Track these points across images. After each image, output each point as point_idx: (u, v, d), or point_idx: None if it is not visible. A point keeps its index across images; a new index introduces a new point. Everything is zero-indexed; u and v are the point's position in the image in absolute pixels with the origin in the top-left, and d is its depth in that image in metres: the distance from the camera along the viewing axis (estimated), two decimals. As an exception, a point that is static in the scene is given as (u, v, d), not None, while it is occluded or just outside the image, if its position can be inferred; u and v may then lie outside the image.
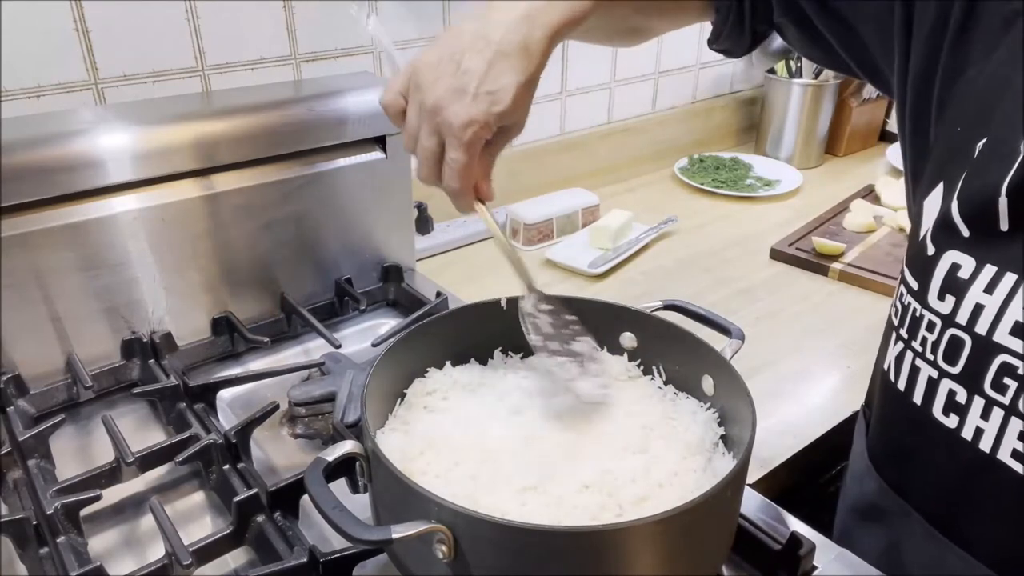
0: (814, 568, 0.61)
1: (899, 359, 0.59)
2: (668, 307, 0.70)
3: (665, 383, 0.67)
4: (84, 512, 0.66)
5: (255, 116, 0.89)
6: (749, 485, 0.70)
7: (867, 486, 0.66)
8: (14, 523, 0.63)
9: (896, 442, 0.63)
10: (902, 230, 1.28)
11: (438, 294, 0.97)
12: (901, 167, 1.62)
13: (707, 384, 0.64)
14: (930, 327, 0.55)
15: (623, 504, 0.53)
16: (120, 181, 0.81)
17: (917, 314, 0.56)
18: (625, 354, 0.70)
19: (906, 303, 0.58)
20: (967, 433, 0.53)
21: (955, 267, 0.53)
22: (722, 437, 0.61)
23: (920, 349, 0.56)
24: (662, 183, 1.55)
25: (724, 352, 0.63)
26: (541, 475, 0.55)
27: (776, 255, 1.22)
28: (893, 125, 1.74)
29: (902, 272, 0.60)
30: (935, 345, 0.54)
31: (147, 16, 0.91)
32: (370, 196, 0.99)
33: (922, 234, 0.56)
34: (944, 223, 0.53)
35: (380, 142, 0.98)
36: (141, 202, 0.83)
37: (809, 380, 0.93)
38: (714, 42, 0.72)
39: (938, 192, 0.55)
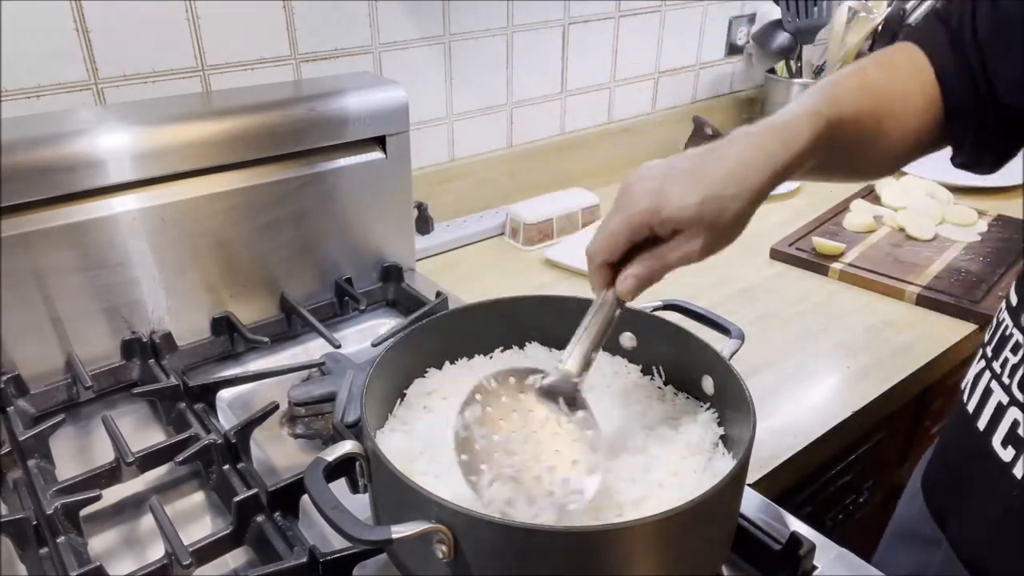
0: (814, 568, 0.61)
1: (976, 378, 0.55)
2: (668, 307, 0.70)
3: (665, 383, 0.67)
4: (84, 512, 0.67)
5: (255, 116, 0.89)
6: (749, 485, 0.70)
7: (910, 509, 0.63)
8: (14, 523, 0.63)
9: (949, 468, 0.59)
10: (902, 230, 1.27)
11: (438, 294, 0.97)
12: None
13: (707, 384, 0.64)
14: (1015, 349, 0.51)
15: (623, 504, 0.53)
16: (120, 181, 0.81)
17: (1007, 332, 0.52)
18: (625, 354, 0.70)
19: (1001, 318, 0.54)
20: (1019, 471, 0.49)
21: None
22: (722, 437, 0.61)
23: (998, 370, 0.52)
24: (662, 183, 1.54)
25: (724, 352, 0.63)
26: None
27: (776, 255, 1.22)
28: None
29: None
30: (1014, 369, 0.50)
31: (147, 16, 0.91)
32: (370, 196, 0.99)
33: None
34: None
35: (380, 142, 0.98)
36: (141, 202, 0.83)
37: (809, 380, 0.93)
38: (956, 156, 0.64)
39: None
